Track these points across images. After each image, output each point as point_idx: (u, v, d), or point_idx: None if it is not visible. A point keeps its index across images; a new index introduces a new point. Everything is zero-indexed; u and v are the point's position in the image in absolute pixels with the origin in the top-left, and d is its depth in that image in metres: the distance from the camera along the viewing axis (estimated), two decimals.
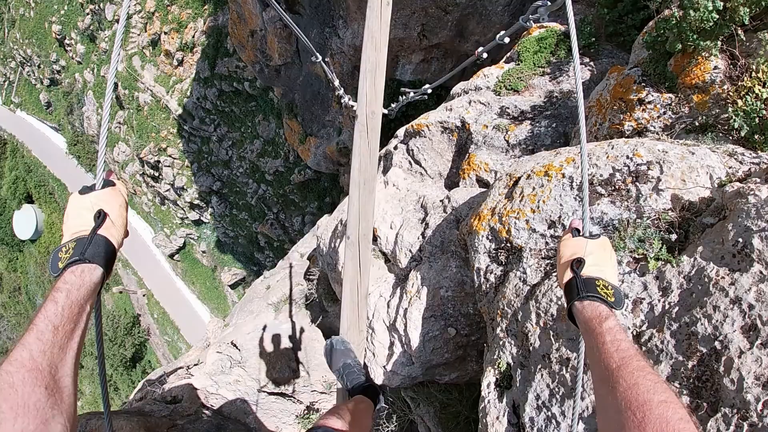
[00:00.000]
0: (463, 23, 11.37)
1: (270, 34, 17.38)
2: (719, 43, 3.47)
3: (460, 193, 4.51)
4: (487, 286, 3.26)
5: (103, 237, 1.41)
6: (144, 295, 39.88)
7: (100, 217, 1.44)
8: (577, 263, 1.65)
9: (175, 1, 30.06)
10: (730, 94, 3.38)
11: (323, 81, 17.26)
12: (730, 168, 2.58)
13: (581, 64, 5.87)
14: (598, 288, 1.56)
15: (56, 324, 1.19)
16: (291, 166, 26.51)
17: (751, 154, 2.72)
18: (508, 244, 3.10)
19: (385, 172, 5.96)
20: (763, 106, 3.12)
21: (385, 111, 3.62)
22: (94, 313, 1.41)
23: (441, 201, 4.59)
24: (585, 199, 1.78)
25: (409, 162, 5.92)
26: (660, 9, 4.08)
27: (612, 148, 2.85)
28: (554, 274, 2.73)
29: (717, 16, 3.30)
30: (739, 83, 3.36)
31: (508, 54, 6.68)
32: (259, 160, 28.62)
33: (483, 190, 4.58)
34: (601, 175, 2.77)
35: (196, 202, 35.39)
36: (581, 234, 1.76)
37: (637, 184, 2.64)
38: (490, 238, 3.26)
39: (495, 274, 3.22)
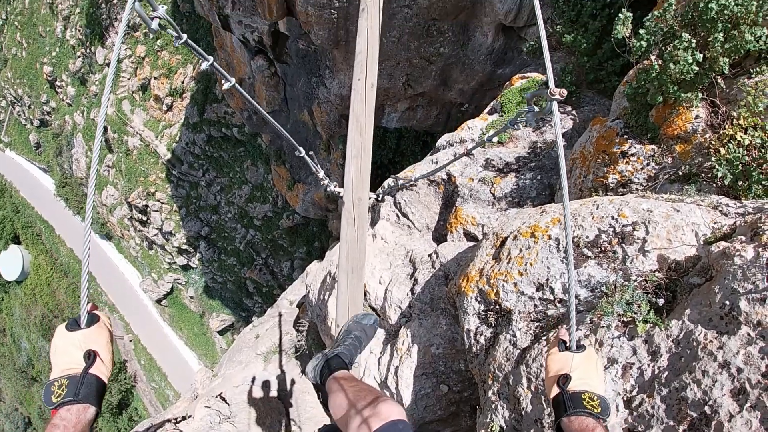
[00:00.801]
0: (446, 73, 11.61)
1: (258, 82, 17.59)
2: (700, 93, 3.53)
3: (448, 248, 4.51)
4: (478, 347, 3.23)
5: (95, 376, 1.51)
6: (131, 341, 39.09)
7: (91, 357, 1.52)
8: (564, 379, 1.69)
9: (165, 47, 30.44)
10: (713, 142, 3.41)
11: (311, 129, 17.41)
12: (715, 224, 2.60)
13: (563, 113, 5.99)
14: (584, 402, 1.60)
15: None
16: (279, 211, 26.47)
17: (735, 203, 2.74)
18: (497, 306, 3.08)
19: (372, 224, 5.97)
20: (745, 152, 3.16)
21: (372, 195, 3.65)
22: None
23: (429, 256, 4.59)
24: (571, 309, 1.81)
25: (397, 215, 5.92)
26: (640, 59, 4.15)
27: (597, 208, 2.87)
28: (544, 337, 2.72)
29: (697, 68, 3.37)
30: (721, 131, 3.40)
31: (491, 105, 6.78)
32: (247, 205, 28.56)
33: (471, 244, 4.59)
34: (587, 237, 2.78)
35: (184, 247, 35.08)
36: (567, 347, 1.80)
37: (623, 245, 2.65)
38: (478, 299, 3.24)
39: (485, 335, 3.19)
